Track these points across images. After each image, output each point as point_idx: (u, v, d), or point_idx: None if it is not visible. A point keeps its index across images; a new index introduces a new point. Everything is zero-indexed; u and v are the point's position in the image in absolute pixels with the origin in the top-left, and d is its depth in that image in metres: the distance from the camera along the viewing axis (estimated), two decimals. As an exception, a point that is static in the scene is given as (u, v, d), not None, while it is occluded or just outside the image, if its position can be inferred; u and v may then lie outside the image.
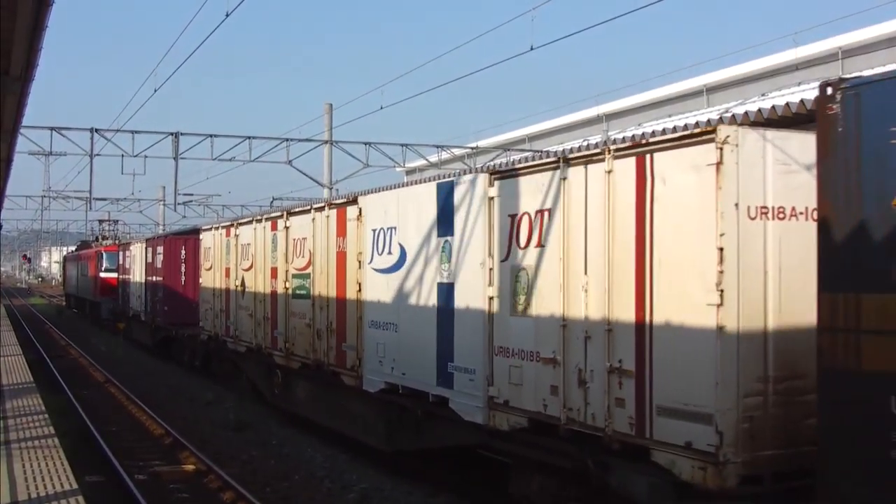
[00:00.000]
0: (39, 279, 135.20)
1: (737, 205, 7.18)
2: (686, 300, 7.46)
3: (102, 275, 41.39)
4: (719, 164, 7.17)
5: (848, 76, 6.19)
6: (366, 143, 32.65)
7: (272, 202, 41.27)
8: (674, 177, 7.64)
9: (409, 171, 44.01)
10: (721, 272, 7.14)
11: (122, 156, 30.36)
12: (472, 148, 38.13)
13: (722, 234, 7.16)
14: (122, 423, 18.29)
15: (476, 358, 10.38)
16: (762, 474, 7.21)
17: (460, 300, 10.81)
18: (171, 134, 29.77)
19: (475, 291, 10.43)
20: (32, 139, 29.35)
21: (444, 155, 35.68)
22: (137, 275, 33.75)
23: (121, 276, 37.93)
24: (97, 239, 50.37)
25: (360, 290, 13.60)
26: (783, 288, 7.45)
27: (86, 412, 18.27)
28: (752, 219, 7.27)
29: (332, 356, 14.59)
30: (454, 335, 10.92)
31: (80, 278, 51.13)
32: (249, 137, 31.43)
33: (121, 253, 38.76)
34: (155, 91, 24.62)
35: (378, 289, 13.03)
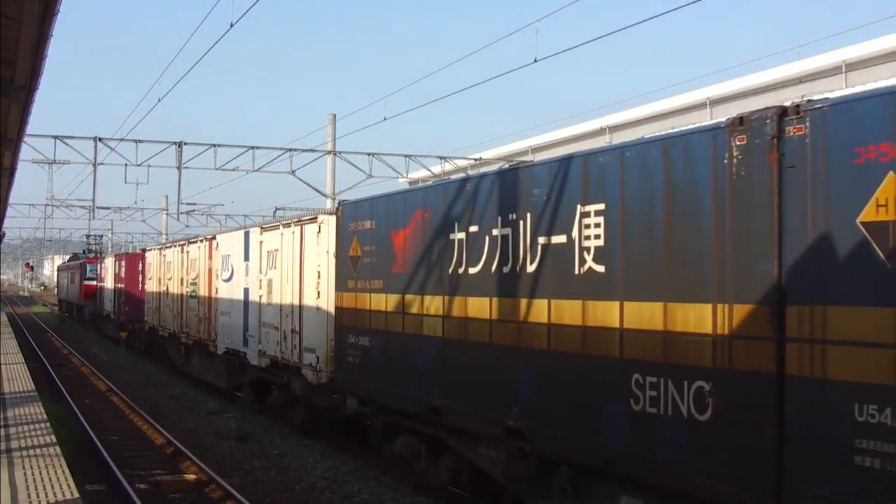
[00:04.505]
0: (42, 287, 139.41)
1: (327, 251, 15.45)
2: (311, 294, 15.79)
3: (86, 283, 49.54)
4: (318, 232, 15.49)
5: (343, 200, 14.51)
6: (369, 154, 33.12)
7: (275, 212, 44.72)
8: (308, 236, 15.98)
9: (412, 182, 43.07)
10: (318, 281, 15.46)
11: (126, 165, 30.49)
12: (476, 159, 37.66)
13: (319, 265, 15.48)
14: (124, 431, 18.24)
15: (255, 329, 18.75)
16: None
17: (251, 297, 19.21)
18: (175, 143, 30.26)
19: (255, 292, 18.81)
20: (36, 147, 29.83)
21: (447, 166, 35.47)
22: (109, 283, 41.73)
23: (98, 284, 46.21)
24: (84, 252, 58.25)
25: (216, 292, 22.04)
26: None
27: (87, 421, 18.20)
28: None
29: (206, 334, 23.01)
30: (248, 317, 19.31)
31: (69, 286, 59.06)
32: (253, 147, 31.65)
33: (98, 265, 47.13)
34: (159, 100, 25.02)
35: (223, 291, 21.45)
